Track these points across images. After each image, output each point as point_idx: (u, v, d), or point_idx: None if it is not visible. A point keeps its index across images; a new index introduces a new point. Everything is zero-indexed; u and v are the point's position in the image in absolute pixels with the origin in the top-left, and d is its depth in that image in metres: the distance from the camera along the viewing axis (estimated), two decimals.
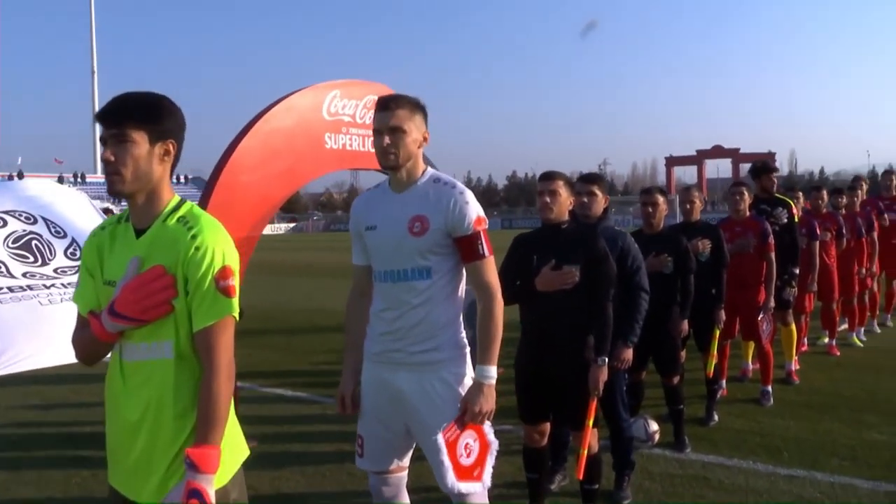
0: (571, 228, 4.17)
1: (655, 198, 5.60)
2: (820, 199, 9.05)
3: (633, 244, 4.72)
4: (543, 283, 4.01)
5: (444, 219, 3.03)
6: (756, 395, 7.07)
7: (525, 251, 4.20)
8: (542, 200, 4.08)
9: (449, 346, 3.09)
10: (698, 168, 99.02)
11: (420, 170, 3.15)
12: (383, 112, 3.09)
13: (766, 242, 6.73)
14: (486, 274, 3.07)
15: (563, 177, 4.12)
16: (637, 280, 4.65)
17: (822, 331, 9.55)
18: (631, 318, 4.60)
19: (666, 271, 5.55)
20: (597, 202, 4.65)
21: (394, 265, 3.11)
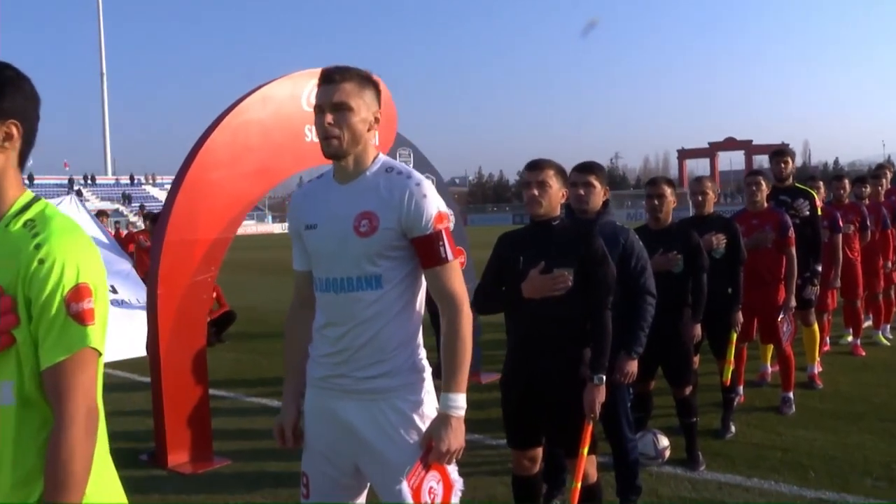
0: (564, 225, 3.63)
1: (662, 189, 5.04)
2: (842, 188, 8.44)
3: (637, 242, 4.16)
4: (531, 288, 3.47)
5: (397, 215, 2.49)
6: (776, 401, 6.49)
7: (511, 251, 3.66)
8: (530, 193, 3.53)
9: (404, 370, 2.55)
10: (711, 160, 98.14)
11: (370, 157, 2.61)
12: (326, 85, 2.55)
13: (785, 236, 6.15)
14: (450, 282, 2.53)
15: (553, 165, 3.57)
16: (642, 283, 4.09)
17: (845, 329, 8.95)
18: (635, 326, 4.05)
19: (675, 270, 4.99)
20: (594, 194, 4.10)
21: (337, 272, 2.57)
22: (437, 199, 2.52)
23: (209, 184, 5.93)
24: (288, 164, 6.56)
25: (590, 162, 4.19)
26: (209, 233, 5.93)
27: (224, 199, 6.05)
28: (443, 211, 2.52)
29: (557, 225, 3.59)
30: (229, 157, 6.06)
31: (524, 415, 3.63)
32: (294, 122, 6.54)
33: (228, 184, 6.09)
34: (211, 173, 5.96)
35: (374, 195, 2.53)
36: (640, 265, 4.10)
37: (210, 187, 5.92)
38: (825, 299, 7.73)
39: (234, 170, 6.11)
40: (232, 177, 6.11)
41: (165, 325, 5.71)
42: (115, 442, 2.30)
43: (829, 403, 6.55)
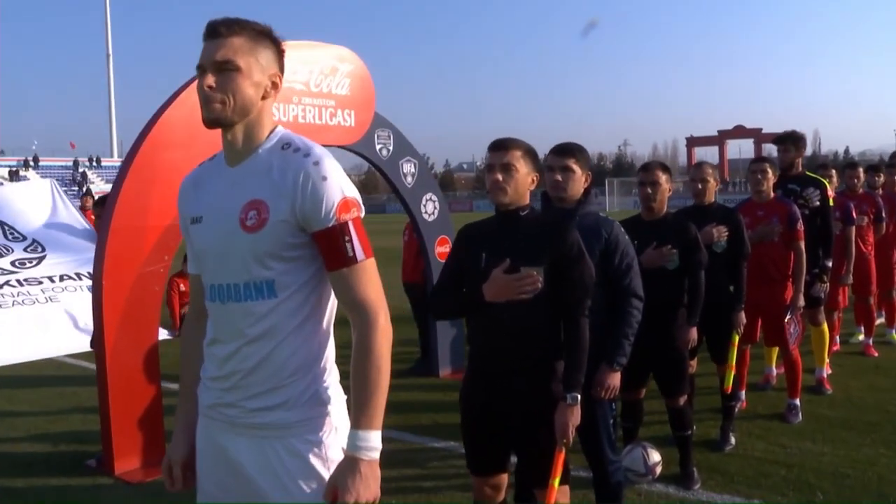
0: (534, 216, 3.10)
1: (656, 175, 4.49)
2: (855, 177, 7.86)
3: (623, 236, 3.63)
4: (493, 290, 2.94)
5: (290, 204, 1.97)
6: (781, 407, 5.96)
7: (471, 247, 3.13)
8: (493, 178, 3.00)
9: (304, 402, 2.03)
10: (720, 148, 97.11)
11: (265, 130, 2.09)
12: (210, 41, 2.04)
13: (794, 229, 5.60)
14: (360, 287, 2.00)
15: (520, 145, 3.04)
16: (626, 283, 3.57)
17: (856, 327, 8.41)
18: (618, 334, 3.53)
19: (670, 266, 4.46)
20: (574, 180, 3.56)
21: (222, 277, 2.06)
22: (342, 181, 2.00)
23: (163, 165, 5.41)
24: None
25: (568, 143, 3.64)
26: (162, 219, 5.41)
27: (179, 181, 5.53)
28: (349, 197, 2.00)
29: (526, 216, 3.07)
30: (186, 136, 5.52)
31: (485, 436, 3.12)
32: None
33: (185, 165, 5.49)
34: (165, 153, 5.44)
35: (266, 179, 2.01)
36: (626, 263, 3.57)
37: (163, 169, 5.40)
38: (836, 297, 7.18)
39: (191, 150, 5.56)
40: (189, 158, 5.54)
41: (112, 319, 5.21)
42: (60, 444, 1.89)
43: (839, 411, 6.01)
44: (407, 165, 7.16)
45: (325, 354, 2.09)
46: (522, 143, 3.05)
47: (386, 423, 2.05)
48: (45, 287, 10.20)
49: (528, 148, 3.06)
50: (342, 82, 6.56)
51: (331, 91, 6.47)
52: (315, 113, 6.36)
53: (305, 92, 6.30)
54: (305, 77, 6.29)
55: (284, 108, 6.15)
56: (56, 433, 6.07)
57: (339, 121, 6.55)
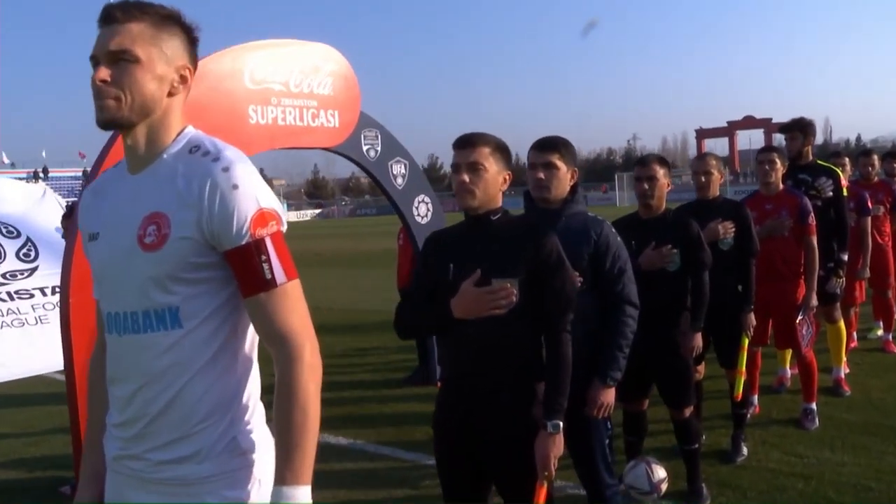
0: (507, 220, 2.77)
1: (653, 169, 4.15)
2: (870, 165, 7.48)
3: (614, 237, 3.30)
4: (463, 306, 2.62)
5: (195, 217, 1.67)
6: (797, 412, 5.60)
7: (439, 256, 2.81)
8: (459, 179, 2.68)
9: (218, 451, 1.73)
10: (730, 140, 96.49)
11: (172, 131, 1.79)
12: (104, 28, 1.74)
13: (805, 223, 5.24)
14: (281, 316, 1.69)
15: (489, 141, 2.72)
16: (619, 289, 3.23)
17: (875, 321, 8.03)
18: (612, 346, 3.20)
19: (670, 268, 4.12)
20: (558, 178, 3.23)
21: (119, 304, 1.77)
22: (257, 190, 1.69)
23: None
24: None
25: (551, 137, 3.30)
26: None
27: None
28: (267, 208, 1.69)
29: (498, 220, 2.74)
30: None
31: (461, 466, 2.79)
32: (235, 101, 5.72)
33: None
34: None
35: (169, 188, 1.71)
36: (618, 267, 3.23)
37: None
38: (852, 292, 6.81)
39: None
40: None
41: (81, 339, 4.90)
42: (37, 470, 1.64)
43: (858, 414, 5.64)
44: (397, 166, 6.85)
45: (246, 392, 1.78)
46: (491, 139, 2.73)
47: (378, 439, 1.74)
48: (37, 302, 9.94)
49: (498, 143, 2.73)
50: (324, 81, 6.25)
51: (312, 91, 6.17)
52: (296, 114, 6.05)
53: (285, 93, 5.99)
54: (284, 77, 5.99)
55: (262, 111, 5.85)
56: (36, 457, 5.79)
57: (323, 122, 6.25)
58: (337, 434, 5.97)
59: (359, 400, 7.00)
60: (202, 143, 1.75)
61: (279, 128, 5.96)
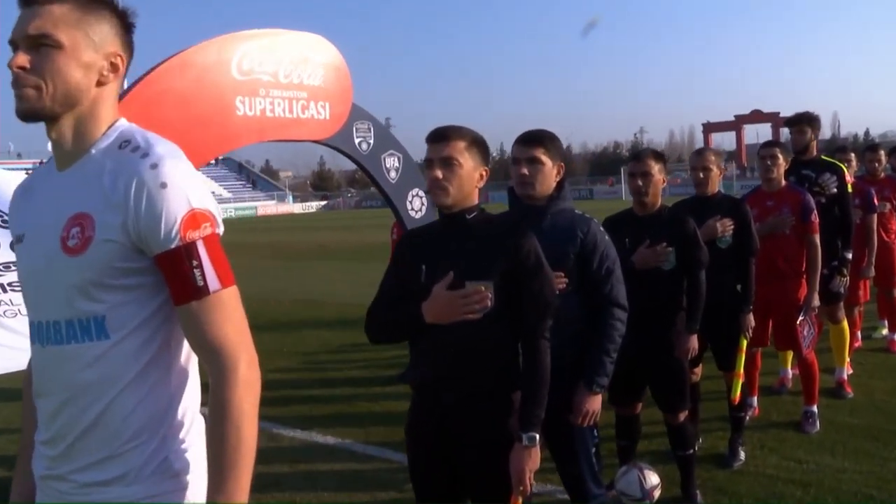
0: (483, 219, 2.62)
1: (647, 165, 3.98)
2: (876, 161, 7.29)
3: (602, 235, 3.14)
4: (436, 310, 2.47)
5: (121, 219, 1.53)
6: (797, 414, 5.44)
7: (412, 257, 2.66)
8: (432, 175, 2.52)
9: (149, 472, 1.59)
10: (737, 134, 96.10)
11: (101, 124, 1.64)
12: (23, 9, 1.60)
13: (807, 220, 5.06)
14: (213, 327, 1.55)
15: (465, 135, 2.57)
16: (607, 290, 3.07)
17: (879, 320, 7.85)
18: (598, 350, 3.04)
19: (665, 267, 3.96)
20: (543, 174, 3.07)
21: (42, 312, 1.63)
22: (189, 188, 1.54)
23: None
24: (215, 141, 5.60)
25: (536, 130, 3.14)
26: None
27: None
28: (199, 209, 1.54)
29: (474, 219, 2.59)
30: None
31: (434, 473, 2.65)
32: (221, 93, 5.57)
33: None
34: None
35: (96, 186, 1.56)
36: (606, 267, 3.08)
37: None
38: (856, 291, 6.62)
39: None
40: None
41: None
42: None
43: (861, 418, 5.48)
44: (390, 160, 6.69)
45: (181, 408, 1.63)
46: (467, 132, 2.57)
47: (367, 439, 1.59)
48: None
49: (475, 137, 2.58)
50: (315, 72, 6.10)
51: (302, 82, 6.01)
52: (285, 106, 5.90)
53: (273, 83, 5.85)
54: (273, 67, 5.84)
55: (250, 102, 5.70)
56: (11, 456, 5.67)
57: (313, 114, 6.09)
58: (325, 433, 5.84)
59: (350, 397, 6.86)
60: (133, 137, 1.60)
61: (268, 120, 5.81)
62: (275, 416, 6.38)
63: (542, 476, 4.12)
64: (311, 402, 6.77)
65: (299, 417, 6.29)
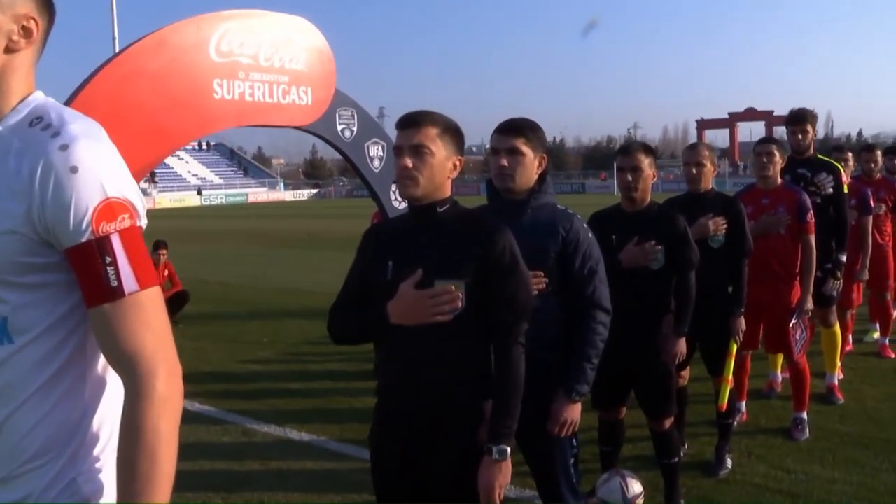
0: (456, 213, 2.43)
1: (636, 159, 3.79)
2: (872, 161, 7.12)
3: (585, 232, 2.95)
4: (402, 310, 2.28)
5: (26, 207, 1.33)
6: (787, 420, 5.28)
7: (378, 252, 2.46)
8: (401, 164, 2.33)
9: (53, 495, 1.40)
10: (730, 131, 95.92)
11: (11, 97, 1.45)
12: None
13: (803, 220, 4.89)
14: (127, 334, 1.35)
15: (437, 121, 2.37)
16: (590, 292, 2.88)
17: (871, 324, 7.70)
18: (579, 356, 2.85)
19: (654, 266, 3.78)
20: (524, 165, 2.87)
21: None
22: (104, 174, 1.35)
23: None
24: (191, 124, 5.38)
25: (517, 119, 2.94)
26: None
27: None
28: (115, 198, 1.34)
29: (445, 212, 2.39)
30: (111, 114, 4.88)
31: (398, 487, 2.46)
32: (199, 75, 5.36)
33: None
34: None
35: (0, 169, 1.35)
36: (589, 267, 2.88)
37: None
38: (850, 294, 6.46)
39: (117, 129, 4.93)
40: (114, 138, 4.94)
41: None
42: None
43: (852, 425, 5.32)
44: (374, 148, 6.49)
45: (95, 422, 1.43)
46: (440, 118, 2.38)
47: (342, 436, 1.38)
48: None
49: (448, 124, 2.38)
50: (297, 56, 5.88)
51: (283, 66, 5.80)
52: (265, 90, 5.69)
53: (254, 66, 5.63)
54: (253, 49, 5.63)
55: (229, 85, 5.49)
56: None
57: (294, 99, 5.89)
58: (301, 429, 5.66)
59: (328, 392, 6.67)
60: (46, 113, 1.40)
61: (247, 104, 5.60)
62: (249, 410, 6.20)
63: (520, 480, 3.95)
64: (287, 395, 6.58)
65: (274, 412, 6.10)
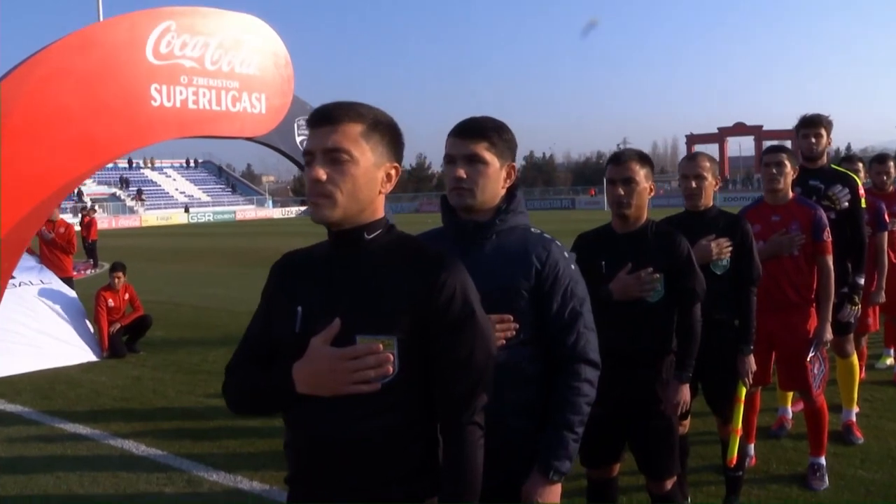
0: (389, 241, 1.80)
1: (630, 169, 3.16)
2: (885, 173, 6.51)
3: (567, 263, 2.29)
4: (312, 375, 1.65)
5: None
6: (801, 465, 4.65)
7: (284, 293, 1.83)
8: (311, 176, 1.71)
9: None
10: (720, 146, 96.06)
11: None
12: None
13: (819, 240, 4.28)
14: None
15: (364, 116, 1.75)
16: (572, 341, 2.23)
17: (885, 349, 7.11)
18: (559, 424, 2.20)
19: (652, 298, 3.15)
20: (487, 177, 2.24)
21: None
22: None
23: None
24: (124, 134, 4.76)
25: (479, 119, 2.30)
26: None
27: (20, 178, 4.24)
28: None
29: (375, 240, 1.77)
30: (29, 120, 4.25)
31: None
32: (133, 79, 4.74)
33: (28, 158, 4.29)
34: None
35: None
36: (572, 309, 2.24)
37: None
38: (865, 318, 5.83)
39: (37, 138, 4.31)
40: (34, 149, 4.31)
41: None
42: None
43: (876, 471, 4.67)
44: None
45: None
46: (367, 112, 1.76)
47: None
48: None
49: (377, 119, 1.77)
50: (249, 59, 5.27)
51: (233, 70, 5.19)
52: (211, 97, 5.07)
53: (198, 70, 5.01)
54: (198, 52, 5.01)
55: (169, 91, 4.87)
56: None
57: (245, 107, 5.26)
58: (253, 477, 5.01)
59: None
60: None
61: (190, 112, 4.98)
62: (199, 454, 5.53)
63: None
64: (243, 436, 5.90)
65: (227, 456, 5.45)
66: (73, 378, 8.12)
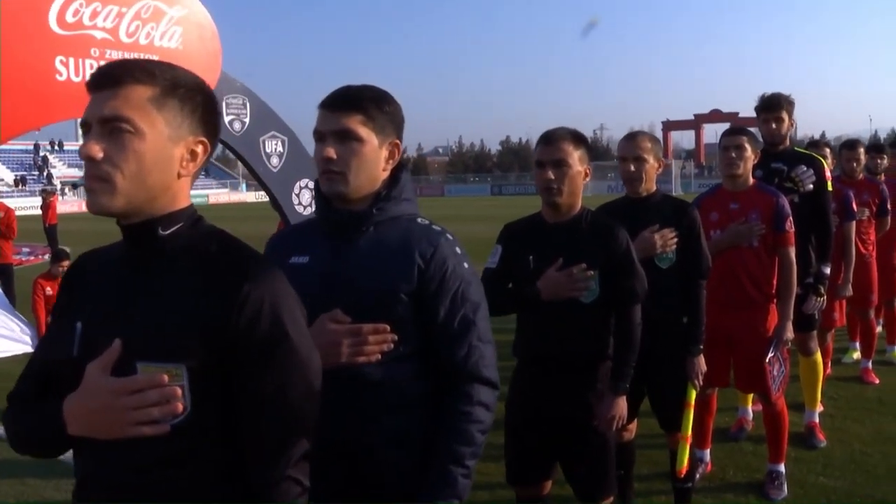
0: (193, 240, 1.41)
1: (561, 150, 2.77)
2: (855, 160, 6.18)
3: (459, 261, 1.86)
4: (86, 413, 1.27)
5: None
6: (759, 472, 4.33)
7: (69, 306, 1.44)
8: (82, 153, 1.33)
9: None
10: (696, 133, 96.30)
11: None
12: None
13: (781, 230, 3.93)
14: None
15: (151, 76, 1.37)
16: (461, 356, 1.82)
17: (850, 342, 6.82)
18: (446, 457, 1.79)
19: (585, 298, 2.78)
20: (363, 158, 1.82)
21: None
22: None
23: None
24: (25, 113, 4.33)
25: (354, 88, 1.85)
26: None
27: None
28: None
29: (174, 236, 1.38)
30: None
31: None
32: (35, 50, 4.29)
33: None
34: None
35: None
36: (462, 317, 1.83)
37: None
38: (831, 313, 5.50)
39: None
40: None
41: None
42: None
43: (838, 478, 4.35)
44: (271, 143, 5.45)
45: None
46: (163, 72, 1.38)
47: None
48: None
49: (176, 80, 1.40)
50: (170, 31, 4.82)
51: (152, 43, 4.73)
52: None
53: (112, 42, 4.55)
54: (111, 22, 4.54)
55: (77, 65, 4.41)
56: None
57: None
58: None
59: None
60: None
61: None
62: None
63: None
64: None
65: None
66: (5, 372, 7.69)
